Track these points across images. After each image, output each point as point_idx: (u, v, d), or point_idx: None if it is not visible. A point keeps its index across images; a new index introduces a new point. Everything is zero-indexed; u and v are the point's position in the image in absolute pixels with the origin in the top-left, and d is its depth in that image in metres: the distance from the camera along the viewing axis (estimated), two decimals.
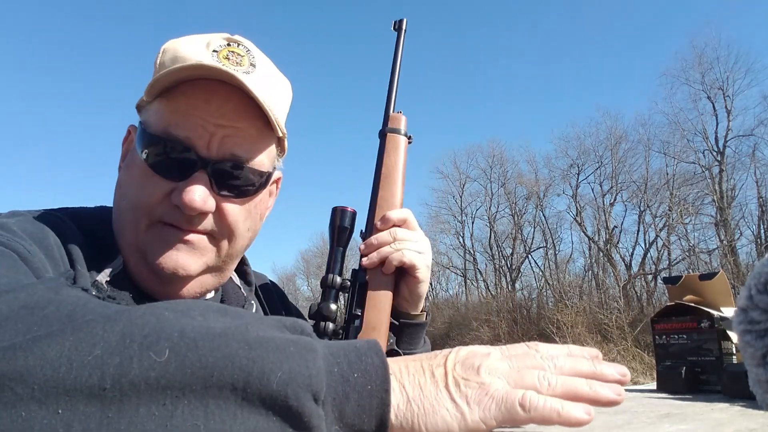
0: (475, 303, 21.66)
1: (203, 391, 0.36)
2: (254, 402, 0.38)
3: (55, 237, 0.70)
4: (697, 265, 17.58)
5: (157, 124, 0.74)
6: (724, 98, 18.65)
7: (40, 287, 0.43)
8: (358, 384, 0.43)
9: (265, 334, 0.41)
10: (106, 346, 0.36)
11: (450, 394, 0.46)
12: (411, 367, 0.48)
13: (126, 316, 0.39)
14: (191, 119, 0.73)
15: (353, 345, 0.46)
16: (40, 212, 0.75)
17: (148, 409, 0.35)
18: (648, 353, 12.99)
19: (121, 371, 0.35)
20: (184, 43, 0.78)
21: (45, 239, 0.68)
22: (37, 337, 0.36)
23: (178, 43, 0.78)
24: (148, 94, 0.75)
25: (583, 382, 0.49)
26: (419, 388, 0.46)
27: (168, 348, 0.37)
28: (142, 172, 0.74)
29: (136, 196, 0.74)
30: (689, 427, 0.59)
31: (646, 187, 19.73)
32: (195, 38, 0.79)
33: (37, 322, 0.38)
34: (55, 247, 0.68)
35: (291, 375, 0.39)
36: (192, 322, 0.40)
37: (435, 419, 0.45)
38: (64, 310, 0.39)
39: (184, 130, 0.73)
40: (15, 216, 0.71)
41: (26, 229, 0.66)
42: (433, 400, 0.46)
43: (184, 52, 0.75)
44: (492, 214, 24.12)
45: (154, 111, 0.76)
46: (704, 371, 1.12)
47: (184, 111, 0.73)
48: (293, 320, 0.46)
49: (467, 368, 0.48)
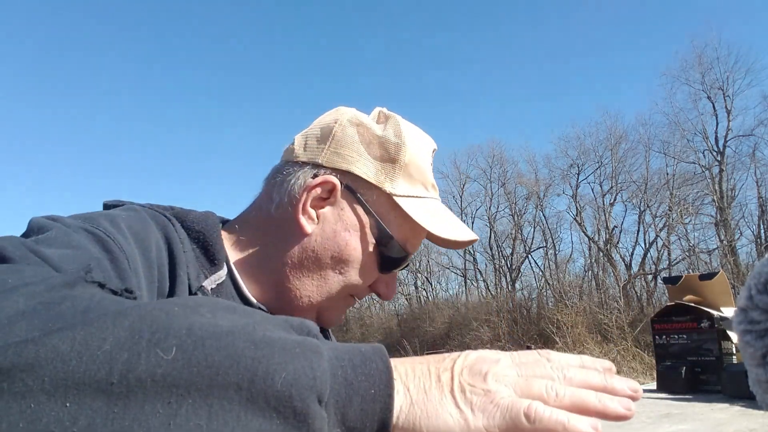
0: (475, 303, 21.66)
1: (208, 390, 0.37)
2: (258, 402, 0.38)
3: (159, 239, 0.71)
4: (697, 265, 17.59)
5: (397, 230, 0.84)
6: (724, 98, 18.67)
7: (59, 281, 0.43)
8: (362, 388, 0.43)
9: (272, 335, 0.41)
10: (116, 341, 0.36)
11: (455, 399, 0.46)
12: (417, 369, 0.48)
13: (136, 312, 0.39)
14: (418, 241, 0.87)
15: (358, 349, 0.46)
16: (155, 210, 0.76)
17: (153, 407, 0.35)
18: (648, 353, 12.99)
19: (129, 367, 0.35)
20: (420, 146, 0.86)
21: (147, 240, 0.68)
22: (51, 331, 0.36)
23: (416, 142, 0.86)
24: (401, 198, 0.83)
25: (593, 394, 0.48)
26: (424, 392, 0.46)
27: (175, 345, 0.37)
28: (371, 261, 0.84)
29: (354, 277, 0.83)
30: (689, 427, 0.59)
31: (646, 187, 19.74)
32: (424, 144, 0.88)
33: (52, 317, 0.38)
34: (155, 249, 0.69)
35: (296, 376, 0.39)
36: (201, 320, 0.40)
37: (437, 424, 0.45)
38: (79, 306, 0.40)
39: (412, 248, 0.86)
40: (129, 211, 0.72)
41: (132, 227, 0.68)
42: (437, 405, 0.46)
43: (424, 163, 0.86)
44: (492, 214, 24.15)
45: (391, 209, 0.83)
46: (704, 371, 1.12)
47: (419, 234, 0.85)
48: (300, 321, 0.47)
49: (474, 374, 0.48)
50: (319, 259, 0.81)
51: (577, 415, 0.45)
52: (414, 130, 0.87)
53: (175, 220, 0.76)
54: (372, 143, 0.83)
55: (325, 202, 0.82)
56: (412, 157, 0.83)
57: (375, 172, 0.82)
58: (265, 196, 0.85)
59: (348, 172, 0.82)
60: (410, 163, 0.83)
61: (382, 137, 0.83)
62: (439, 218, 0.85)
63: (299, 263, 0.81)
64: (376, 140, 0.83)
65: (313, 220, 0.81)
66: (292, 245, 0.81)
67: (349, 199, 0.82)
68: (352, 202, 0.82)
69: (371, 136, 0.83)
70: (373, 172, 0.82)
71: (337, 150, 0.82)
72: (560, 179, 21.99)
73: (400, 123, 0.85)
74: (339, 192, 0.81)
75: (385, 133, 0.83)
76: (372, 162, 0.82)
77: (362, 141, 0.82)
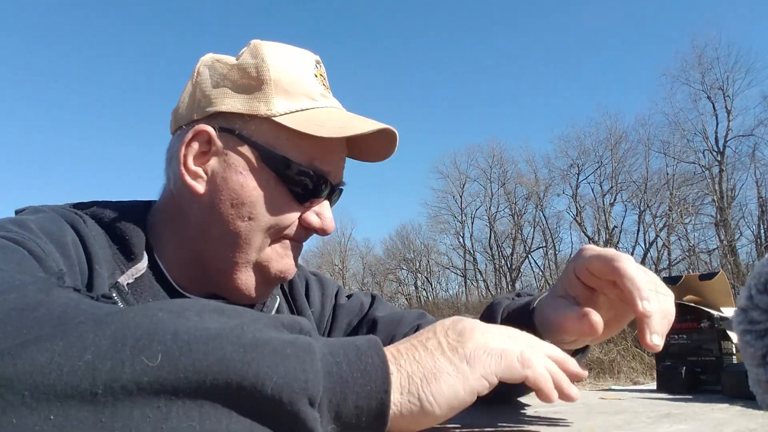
0: (475, 303, 21.65)
1: (197, 395, 0.36)
2: (248, 407, 0.37)
3: (74, 236, 0.69)
4: (697, 265, 17.58)
5: (297, 153, 0.76)
6: (724, 98, 18.67)
7: (31, 288, 0.42)
8: (357, 385, 0.42)
9: (262, 336, 0.40)
10: (97, 350, 0.35)
11: (448, 358, 0.48)
12: (402, 347, 0.49)
13: (118, 318, 0.38)
14: (333, 156, 0.79)
15: (354, 343, 0.45)
16: (64, 209, 0.74)
17: (142, 412, 0.35)
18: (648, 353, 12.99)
19: (113, 376, 0.35)
20: (290, 59, 0.78)
21: (62, 237, 0.67)
22: (26, 342, 0.35)
23: (283, 56, 0.78)
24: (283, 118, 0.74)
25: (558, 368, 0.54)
26: (416, 362, 0.47)
27: (161, 352, 0.36)
28: (279, 195, 0.76)
29: (272, 219, 0.76)
30: (689, 427, 0.58)
31: (646, 187, 19.74)
32: (293, 53, 0.80)
33: (27, 324, 0.37)
34: (72, 246, 0.67)
35: (286, 379, 0.38)
36: (186, 323, 0.39)
37: (439, 386, 0.46)
38: (55, 312, 0.39)
39: (327, 165, 0.78)
40: (36, 213, 0.70)
41: (44, 227, 0.66)
42: (432, 369, 0.46)
43: (299, 75, 0.77)
44: (492, 214, 24.17)
45: (281, 133, 0.75)
46: (704, 371, 1.11)
47: (328, 148, 0.77)
48: (292, 319, 0.45)
49: (459, 332, 0.50)
50: (221, 215, 0.75)
51: None
52: (278, 46, 0.80)
53: (87, 217, 0.74)
54: (230, 74, 0.76)
55: (208, 155, 0.76)
56: (280, 72, 0.76)
57: (243, 101, 0.75)
58: (165, 178, 0.81)
59: (217, 113, 0.76)
60: (280, 78, 0.75)
61: (238, 64, 0.77)
62: (337, 121, 0.76)
63: (207, 228, 0.76)
64: (235, 69, 0.76)
65: (202, 177, 0.76)
66: (193, 213, 0.77)
67: (230, 141, 0.75)
68: (234, 142, 0.75)
69: (227, 67, 0.77)
70: (241, 102, 0.75)
71: (202, 97, 0.77)
72: (560, 179, 22.03)
73: (258, 45, 0.78)
74: (216, 138, 0.75)
75: (241, 59, 0.77)
76: (238, 93, 0.75)
77: (220, 76, 0.77)
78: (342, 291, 1.07)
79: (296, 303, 0.97)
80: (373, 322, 0.99)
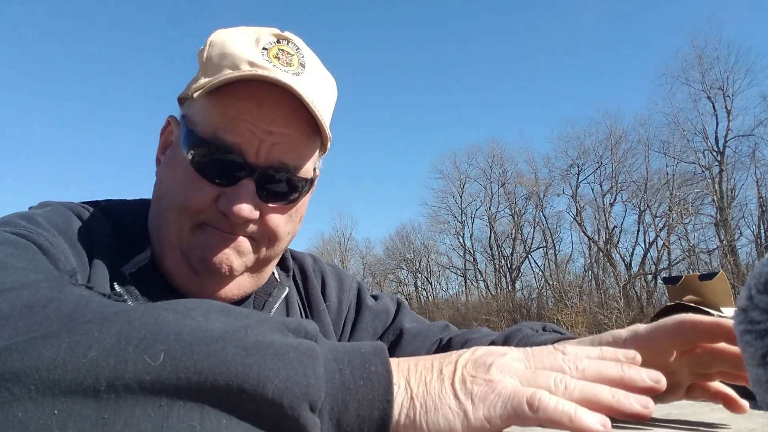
0: (475, 303, 21.68)
1: (198, 396, 0.36)
2: (248, 410, 0.37)
3: (81, 226, 0.71)
4: (697, 265, 17.60)
5: (204, 125, 0.72)
6: (724, 98, 18.69)
7: (43, 285, 0.43)
8: (360, 393, 0.41)
9: (265, 339, 0.40)
10: (102, 348, 0.36)
11: (455, 391, 0.44)
12: (420, 364, 0.46)
13: (124, 318, 0.38)
14: (242, 124, 0.71)
15: (359, 350, 0.44)
16: (71, 204, 0.76)
17: (144, 411, 0.35)
18: None
19: (116, 374, 0.35)
20: (233, 37, 0.75)
21: (70, 230, 0.69)
22: (34, 338, 0.36)
23: (227, 36, 0.76)
24: (196, 92, 0.72)
25: (606, 389, 0.44)
26: (424, 385, 0.44)
27: (164, 351, 0.36)
28: (188, 174, 0.73)
29: (182, 198, 0.73)
30: (689, 428, 0.58)
31: (646, 187, 19.76)
32: (243, 32, 0.77)
33: (37, 321, 0.38)
34: (78, 236, 0.70)
35: (287, 384, 0.38)
36: (191, 324, 0.39)
37: (437, 417, 0.43)
38: (64, 310, 0.39)
39: (233, 136, 0.71)
40: (44, 207, 0.72)
41: (52, 220, 0.68)
42: (435, 398, 0.43)
43: (233, 48, 0.73)
44: (492, 214, 24.20)
45: (200, 110, 0.74)
46: None
47: (234, 115, 0.71)
48: (297, 322, 0.45)
49: (478, 366, 0.46)
50: (157, 200, 0.78)
51: (585, 409, 0.42)
52: (234, 29, 0.78)
53: (96, 211, 0.77)
54: (198, 63, 0.78)
55: (170, 143, 0.80)
56: (213, 49, 0.75)
57: (189, 87, 0.77)
58: None
59: (181, 102, 0.79)
60: (212, 55, 0.75)
61: (199, 52, 0.78)
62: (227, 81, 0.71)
63: (158, 213, 0.77)
64: (198, 57, 0.78)
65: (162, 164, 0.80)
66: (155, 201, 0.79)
67: (177, 127, 0.79)
68: (177, 128, 0.78)
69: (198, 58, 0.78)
70: (189, 88, 0.77)
71: None
72: (560, 179, 22.07)
73: (216, 31, 0.78)
74: (173, 126, 0.79)
75: (202, 47, 0.78)
76: (194, 81, 0.77)
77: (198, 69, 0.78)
78: (365, 289, 1.04)
79: (309, 297, 0.96)
80: (399, 332, 0.97)
